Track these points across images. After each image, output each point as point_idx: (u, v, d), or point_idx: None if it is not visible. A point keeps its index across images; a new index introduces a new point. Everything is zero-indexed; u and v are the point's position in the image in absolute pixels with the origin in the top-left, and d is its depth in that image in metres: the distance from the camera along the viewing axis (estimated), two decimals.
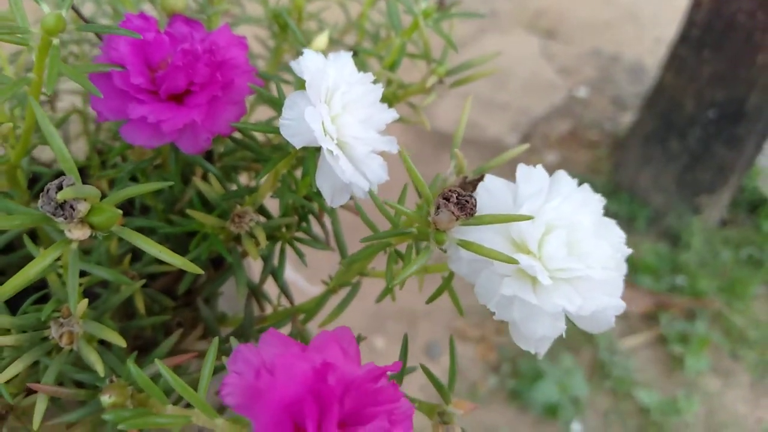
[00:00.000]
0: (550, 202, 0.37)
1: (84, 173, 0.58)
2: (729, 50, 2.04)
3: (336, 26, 0.63)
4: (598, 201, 0.38)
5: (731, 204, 2.37)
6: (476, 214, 0.35)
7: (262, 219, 0.49)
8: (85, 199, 0.29)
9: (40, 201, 0.29)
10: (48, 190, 0.29)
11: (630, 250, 0.38)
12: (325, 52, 0.45)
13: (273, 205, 0.54)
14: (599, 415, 1.87)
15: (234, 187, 0.53)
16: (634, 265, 2.21)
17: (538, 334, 0.35)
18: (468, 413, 0.42)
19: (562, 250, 0.36)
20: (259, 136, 0.50)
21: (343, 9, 0.71)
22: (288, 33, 0.62)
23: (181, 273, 0.53)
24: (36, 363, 0.44)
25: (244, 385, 0.25)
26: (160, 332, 0.50)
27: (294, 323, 0.52)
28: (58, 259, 0.34)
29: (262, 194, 0.47)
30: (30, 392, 0.45)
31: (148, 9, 0.58)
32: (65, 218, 0.29)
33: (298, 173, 0.49)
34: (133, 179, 0.50)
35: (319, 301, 0.52)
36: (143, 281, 0.44)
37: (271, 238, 0.51)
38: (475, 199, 0.35)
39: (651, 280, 2.17)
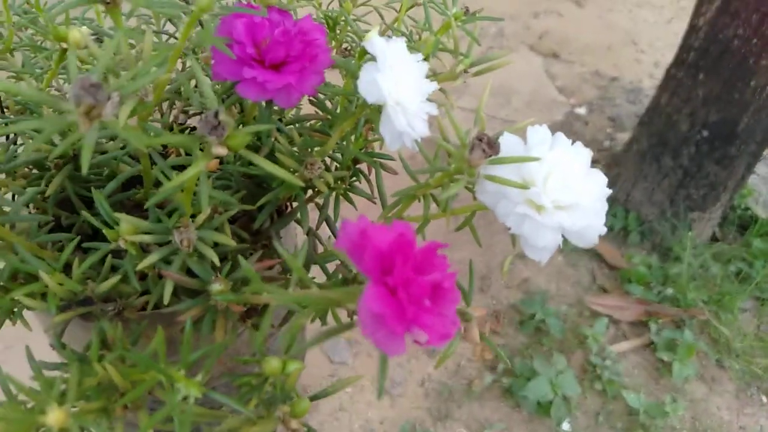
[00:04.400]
0: (552, 151, 0.52)
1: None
2: (724, 74, 2.16)
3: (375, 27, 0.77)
4: (587, 154, 0.53)
5: (722, 221, 2.49)
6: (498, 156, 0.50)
7: None
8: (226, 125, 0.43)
9: (199, 123, 0.43)
10: (207, 116, 0.43)
11: (610, 191, 0.53)
12: None
13: None
14: (589, 416, 1.99)
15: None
16: (626, 276, 2.34)
17: (541, 244, 0.50)
18: (482, 315, 0.56)
19: (560, 186, 0.50)
20: None
21: (380, 16, 0.86)
22: (336, 32, 0.77)
23: (251, 219, 0.68)
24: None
25: (350, 241, 0.39)
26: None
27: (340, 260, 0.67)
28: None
29: (329, 147, 0.61)
30: (141, 294, 0.59)
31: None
32: (216, 137, 0.43)
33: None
34: None
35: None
36: (234, 210, 0.58)
37: (328, 188, 0.65)
38: (500, 143, 0.49)
39: (642, 290, 2.29)
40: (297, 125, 0.63)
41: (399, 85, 0.53)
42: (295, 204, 0.70)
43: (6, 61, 0.68)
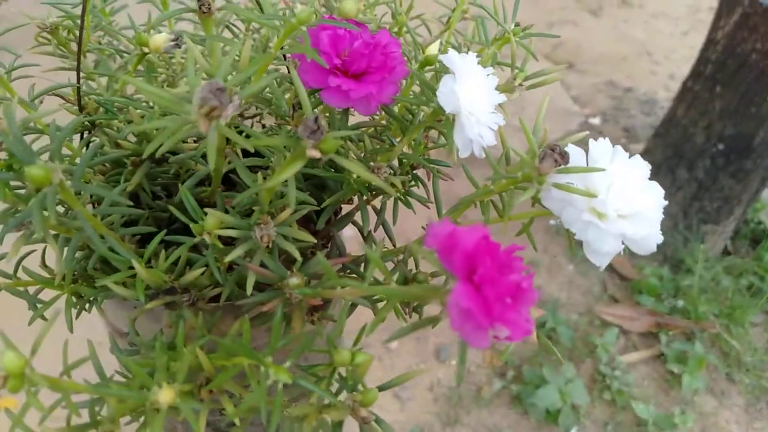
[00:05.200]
0: (613, 164, 0.57)
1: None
2: (741, 88, 2.22)
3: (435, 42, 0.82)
4: (646, 167, 0.58)
5: (734, 235, 2.55)
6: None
7: None
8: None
9: (300, 127, 0.48)
10: (307, 121, 0.47)
11: (666, 202, 0.58)
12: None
13: None
14: (597, 425, 2.03)
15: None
16: (637, 287, 2.38)
17: (604, 250, 0.55)
18: (537, 316, 0.60)
19: (622, 196, 0.55)
20: None
21: (428, 30, 0.91)
22: None
23: (308, 220, 0.72)
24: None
25: (439, 242, 0.44)
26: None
27: (397, 260, 0.71)
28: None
29: (395, 153, 0.66)
30: (217, 285, 0.64)
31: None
32: (314, 140, 0.48)
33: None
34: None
35: (418, 243, 0.71)
36: (306, 210, 0.62)
37: (386, 193, 0.70)
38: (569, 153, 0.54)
39: (653, 301, 2.34)
40: (357, 131, 0.68)
41: (472, 96, 0.58)
42: (345, 207, 0.75)
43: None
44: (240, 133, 0.51)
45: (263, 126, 0.79)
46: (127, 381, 0.55)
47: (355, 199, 0.71)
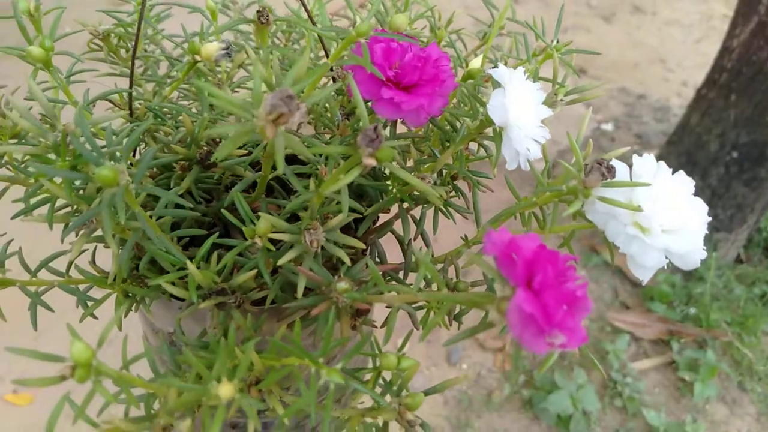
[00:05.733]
0: (657, 179, 0.59)
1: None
2: (756, 96, 2.23)
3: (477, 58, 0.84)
4: (690, 183, 0.60)
5: (747, 243, 2.56)
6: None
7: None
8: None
9: (359, 136, 0.49)
10: (366, 130, 0.49)
11: (710, 218, 0.60)
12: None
13: None
14: None
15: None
16: (648, 293, 2.40)
17: (648, 264, 0.57)
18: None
19: (667, 211, 0.57)
20: None
21: (464, 44, 0.92)
22: None
23: (346, 227, 0.74)
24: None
25: (498, 249, 0.45)
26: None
27: (438, 269, 0.73)
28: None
29: (440, 164, 0.68)
30: (262, 288, 0.66)
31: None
32: (372, 148, 0.49)
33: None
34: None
35: (456, 252, 0.72)
36: (352, 217, 0.64)
37: (426, 203, 0.71)
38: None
39: (664, 308, 2.35)
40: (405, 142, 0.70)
41: (521, 109, 0.60)
42: (382, 215, 0.77)
43: (127, 68, 0.74)
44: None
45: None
46: (180, 376, 0.57)
47: (393, 208, 0.73)
